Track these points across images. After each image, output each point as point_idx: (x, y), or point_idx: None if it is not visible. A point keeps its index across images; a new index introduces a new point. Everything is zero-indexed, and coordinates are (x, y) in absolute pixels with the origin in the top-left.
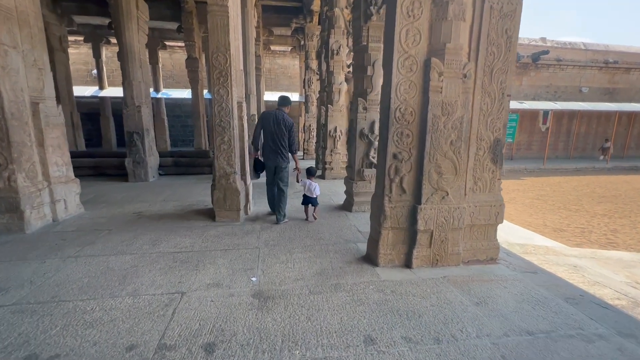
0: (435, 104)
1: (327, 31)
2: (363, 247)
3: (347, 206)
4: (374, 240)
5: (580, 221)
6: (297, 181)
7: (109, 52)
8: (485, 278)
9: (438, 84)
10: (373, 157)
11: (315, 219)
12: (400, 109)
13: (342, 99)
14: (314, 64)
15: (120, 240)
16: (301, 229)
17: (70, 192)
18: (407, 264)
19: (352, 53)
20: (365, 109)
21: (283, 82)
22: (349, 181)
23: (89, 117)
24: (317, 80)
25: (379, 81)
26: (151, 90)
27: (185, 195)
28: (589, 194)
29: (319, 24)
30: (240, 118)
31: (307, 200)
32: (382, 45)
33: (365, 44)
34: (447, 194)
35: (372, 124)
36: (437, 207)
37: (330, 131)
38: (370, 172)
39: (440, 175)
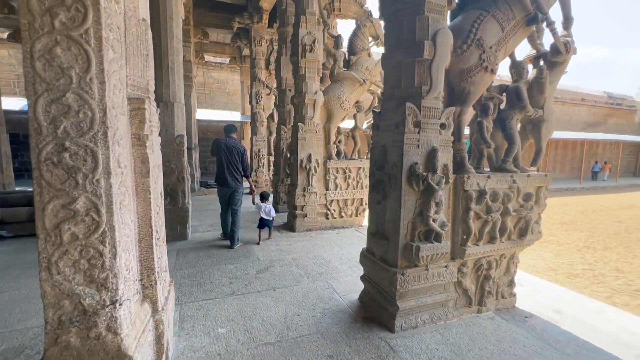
0: None
1: (291, 23)
2: None
3: (377, 313)
4: None
5: (571, 256)
6: (253, 203)
7: None
8: None
9: None
10: (435, 219)
11: (268, 238)
12: None
13: (317, 115)
14: (263, 75)
15: None
16: None
17: None
18: None
19: (331, 55)
20: (417, 124)
21: (220, 99)
22: (380, 266)
23: None
24: (267, 95)
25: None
26: None
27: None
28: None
29: (269, 26)
30: (141, 140)
31: (264, 224)
32: None
33: None
34: None
35: (433, 152)
36: None
37: (301, 161)
38: (431, 249)
39: None
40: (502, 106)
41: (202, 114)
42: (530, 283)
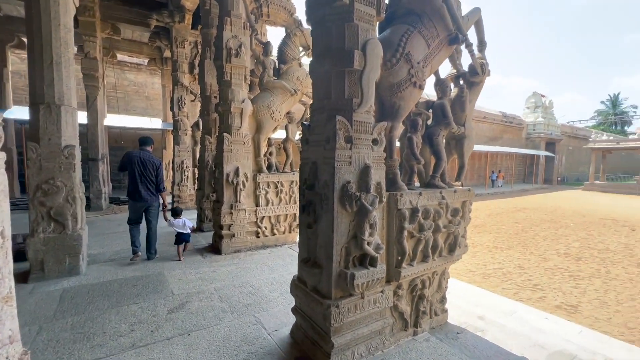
0: None
1: (215, 25)
2: None
3: (310, 352)
4: None
5: (484, 257)
6: (165, 219)
7: None
8: None
9: None
10: (369, 242)
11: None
12: None
13: (245, 126)
14: (186, 79)
15: None
16: None
17: None
18: None
19: (260, 62)
20: (349, 140)
21: (137, 104)
22: (312, 298)
23: None
24: (192, 101)
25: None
26: None
27: None
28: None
29: (193, 27)
30: None
31: (182, 238)
32: None
33: None
34: None
35: (366, 170)
36: None
37: (227, 175)
38: (367, 275)
39: None
40: (429, 122)
41: (115, 119)
42: (454, 287)
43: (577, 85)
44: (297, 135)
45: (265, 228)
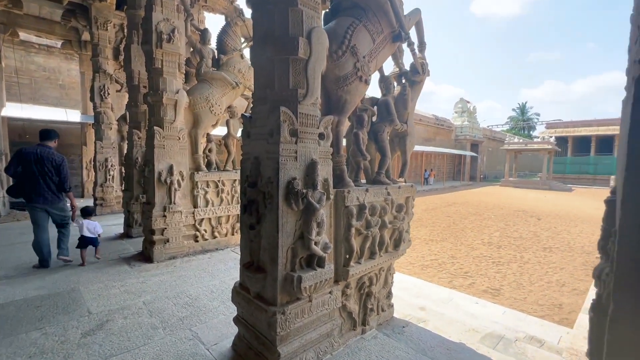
0: None
1: (144, 5)
2: None
3: None
4: None
5: (422, 249)
6: (72, 220)
7: None
8: None
9: None
10: (317, 242)
11: (98, 259)
12: None
13: (180, 119)
14: (110, 66)
15: None
16: None
17: None
18: None
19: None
20: (294, 133)
21: (49, 93)
22: (256, 305)
23: None
24: (118, 91)
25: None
26: None
27: None
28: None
29: (118, 8)
30: None
31: (87, 242)
32: None
33: None
34: None
35: (312, 166)
36: None
37: (159, 174)
38: (315, 277)
39: None
40: (374, 119)
41: (17, 110)
42: (397, 280)
43: (494, 94)
44: (240, 132)
45: (205, 231)
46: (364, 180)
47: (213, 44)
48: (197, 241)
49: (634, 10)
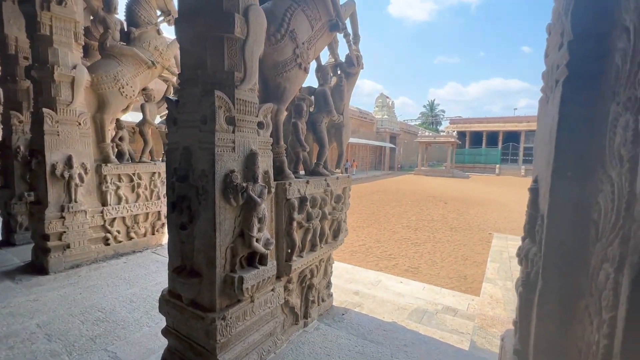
0: None
1: None
2: None
3: None
4: None
5: (350, 236)
6: None
7: None
8: None
9: None
10: (258, 239)
11: None
12: None
13: (80, 100)
14: None
15: None
16: None
17: None
18: None
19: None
20: (231, 121)
21: None
22: (190, 313)
23: None
24: None
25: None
26: None
27: None
28: None
29: None
30: None
31: None
32: None
33: None
34: None
35: (252, 157)
36: None
37: (53, 166)
38: (257, 276)
39: None
40: (312, 109)
41: None
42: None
43: (408, 91)
44: (159, 119)
45: (118, 232)
46: (302, 172)
47: (121, 14)
48: (108, 244)
49: (552, 20)
